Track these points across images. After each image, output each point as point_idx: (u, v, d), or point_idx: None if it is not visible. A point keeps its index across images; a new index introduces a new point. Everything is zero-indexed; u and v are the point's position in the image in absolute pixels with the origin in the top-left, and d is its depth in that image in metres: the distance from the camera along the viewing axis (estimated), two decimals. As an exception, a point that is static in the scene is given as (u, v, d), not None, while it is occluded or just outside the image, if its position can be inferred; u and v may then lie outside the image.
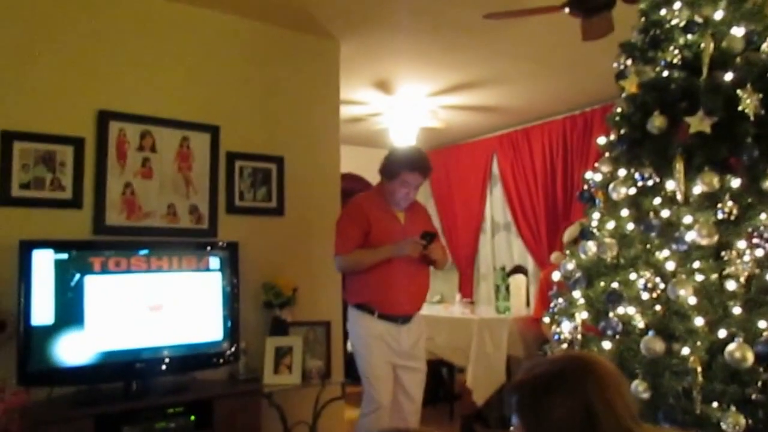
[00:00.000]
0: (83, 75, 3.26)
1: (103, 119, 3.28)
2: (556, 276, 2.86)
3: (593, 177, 2.82)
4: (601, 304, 2.53)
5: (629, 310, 2.39)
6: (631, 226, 2.55)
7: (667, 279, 2.30)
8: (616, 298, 2.42)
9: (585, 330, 2.60)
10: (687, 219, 2.32)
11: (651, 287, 2.34)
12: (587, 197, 2.84)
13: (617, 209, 2.63)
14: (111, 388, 3.00)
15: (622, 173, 2.64)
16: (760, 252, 2.18)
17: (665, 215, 2.41)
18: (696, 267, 2.27)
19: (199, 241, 3.43)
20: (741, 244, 2.20)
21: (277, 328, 3.58)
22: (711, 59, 2.39)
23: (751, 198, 2.27)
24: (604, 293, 2.51)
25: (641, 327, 2.35)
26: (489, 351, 4.53)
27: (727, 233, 2.25)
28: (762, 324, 2.09)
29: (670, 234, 2.38)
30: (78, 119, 3.22)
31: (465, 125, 6.56)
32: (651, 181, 2.51)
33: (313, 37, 4.12)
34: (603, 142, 2.82)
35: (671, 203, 2.42)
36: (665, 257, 2.36)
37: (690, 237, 2.28)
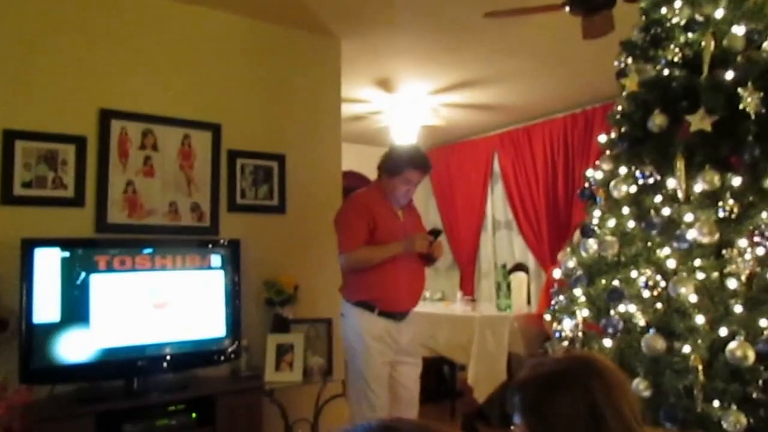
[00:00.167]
0: (85, 74, 3.26)
1: (105, 118, 3.28)
2: (556, 274, 2.87)
3: (594, 175, 2.82)
4: (602, 301, 2.53)
5: (630, 307, 2.39)
6: (632, 224, 2.55)
7: (668, 277, 2.30)
8: (617, 295, 2.43)
9: (586, 328, 2.61)
10: (688, 217, 2.32)
11: (652, 285, 2.35)
12: (588, 195, 2.85)
13: (618, 207, 2.63)
14: (112, 385, 3.01)
15: (623, 171, 2.64)
16: (761, 250, 2.19)
17: (666, 213, 2.41)
18: (697, 265, 2.27)
19: (201, 239, 3.44)
20: (742, 242, 2.21)
21: (279, 325, 3.59)
22: (712, 58, 2.40)
23: (752, 196, 2.28)
24: (605, 291, 2.52)
25: (642, 325, 2.35)
26: (490, 348, 4.54)
27: (728, 231, 2.25)
28: (763, 322, 2.10)
29: (671, 232, 2.38)
30: (80, 118, 3.22)
31: (466, 123, 6.55)
32: (652, 179, 2.52)
33: (315, 36, 4.12)
34: (604, 140, 2.83)
35: (672, 201, 2.42)
36: (666, 255, 2.37)
37: (691, 235, 2.28)
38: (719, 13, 2.46)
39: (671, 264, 2.33)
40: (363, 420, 0.91)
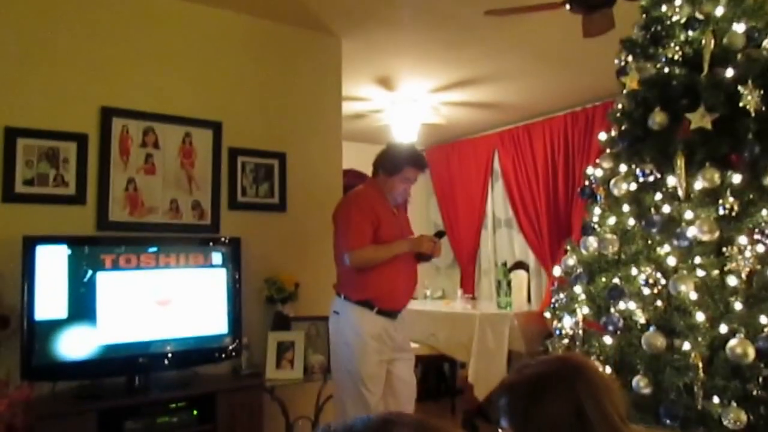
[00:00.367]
0: (86, 72, 3.26)
1: (106, 116, 3.29)
2: (557, 272, 2.88)
3: (594, 173, 2.82)
4: (603, 299, 2.54)
5: (630, 305, 2.40)
6: (633, 222, 2.56)
7: (669, 275, 2.31)
8: (617, 293, 2.43)
9: (586, 325, 2.62)
10: (688, 215, 2.32)
11: (652, 283, 2.36)
12: (588, 193, 2.85)
13: (618, 205, 2.64)
14: (114, 382, 3.02)
15: (623, 169, 2.65)
16: (761, 248, 2.19)
17: (666, 211, 2.42)
18: (697, 263, 2.28)
19: (202, 237, 3.45)
20: (742, 240, 2.21)
21: (279, 323, 3.59)
22: (712, 56, 2.40)
23: (752, 194, 2.28)
24: (605, 289, 2.52)
25: (642, 322, 2.36)
26: (490, 346, 4.54)
27: (728, 229, 2.25)
28: (763, 320, 2.10)
29: (671, 230, 2.38)
30: (81, 116, 3.23)
31: (466, 121, 6.55)
32: (652, 177, 2.52)
33: (315, 34, 4.12)
34: (604, 138, 2.83)
35: (672, 199, 2.43)
36: (666, 253, 2.37)
37: (691, 233, 2.28)
38: (719, 11, 2.46)
39: (671, 262, 2.34)
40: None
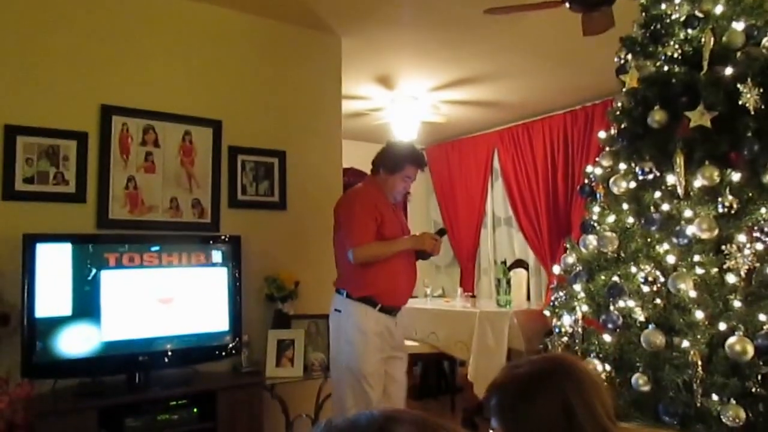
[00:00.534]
0: (86, 70, 3.26)
1: (106, 114, 3.29)
2: (556, 270, 2.88)
3: (594, 171, 2.83)
4: (602, 297, 2.54)
5: (630, 303, 2.40)
6: (632, 219, 2.56)
7: (668, 272, 2.32)
8: (616, 291, 2.44)
9: (586, 323, 2.62)
10: (687, 213, 2.33)
11: (651, 281, 2.36)
12: (588, 191, 2.85)
13: (618, 203, 2.64)
14: (114, 380, 3.02)
15: (622, 167, 2.65)
16: (760, 246, 2.19)
17: (666, 209, 2.42)
18: (696, 261, 2.28)
19: (202, 235, 3.45)
20: (741, 237, 2.21)
21: (279, 321, 3.60)
22: (711, 54, 2.40)
23: (752, 192, 2.28)
24: (604, 287, 2.52)
25: (642, 320, 2.37)
26: (490, 344, 4.54)
27: (728, 227, 2.26)
28: (762, 317, 2.11)
29: (670, 228, 2.39)
30: (81, 114, 3.23)
31: (466, 120, 6.56)
32: (651, 175, 2.52)
33: (315, 32, 4.12)
34: (604, 136, 2.84)
35: (672, 197, 2.43)
36: (666, 251, 2.38)
37: (690, 231, 2.29)
38: (719, 9, 2.47)
39: (671, 260, 2.34)
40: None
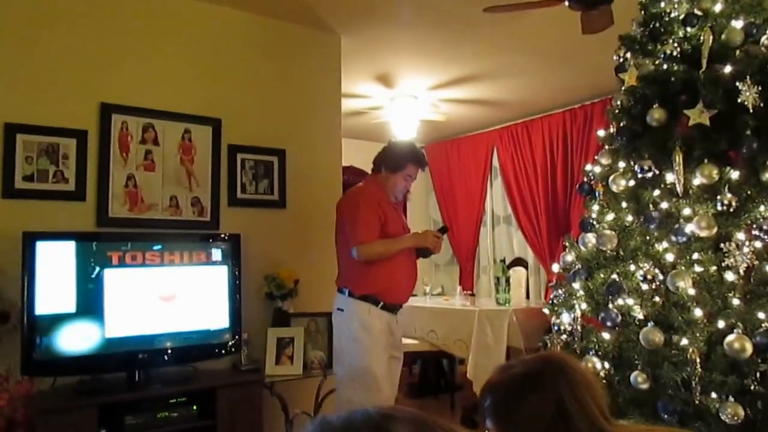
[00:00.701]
0: (86, 68, 3.26)
1: (106, 112, 3.29)
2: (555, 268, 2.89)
3: (593, 169, 2.83)
4: (601, 295, 2.54)
5: (629, 301, 2.41)
6: (631, 218, 2.57)
7: (667, 270, 2.32)
8: (615, 289, 2.44)
9: (585, 321, 2.62)
10: (686, 211, 2.33)
11: (650, 279, 2.36)
12: (587, 190, 2.86)
13: (617, 201, 2.64)
14: (114, 377, 3.02)
15: (621, 166, 2.65)
16: (759, 244, 2.20)
17: (665, 207, 2.43)
18: (695, 258, 2.29)
19: (202, 233, 3.45)
20: (740, 235, 2.22)
21: (279, 319, 3.60)
22: (710, 52, 2.41)
23: (750, 190, 2.29)
24: (603, 285, 2.53)
25: (641, 318, 2.37)
26: (489, 342, 4.55)
27: (727, 225, 2.26)
28: (761, 315, 2.11)
29: (669, 226, 2.39)
30: (81, 112, 3.23)
31: (465, 118, 6.56)
32: (650, 174, 2.53)
33: (315, 31, 4.13)
34: (603, 134, 2.84)
35: (671, 195, 2.44)
36: (665, 249, 2.38)
37: (689, 229, 2.29)
38: (718, 7, 2.47)
39: (670, 257, 2.35)
40: None
